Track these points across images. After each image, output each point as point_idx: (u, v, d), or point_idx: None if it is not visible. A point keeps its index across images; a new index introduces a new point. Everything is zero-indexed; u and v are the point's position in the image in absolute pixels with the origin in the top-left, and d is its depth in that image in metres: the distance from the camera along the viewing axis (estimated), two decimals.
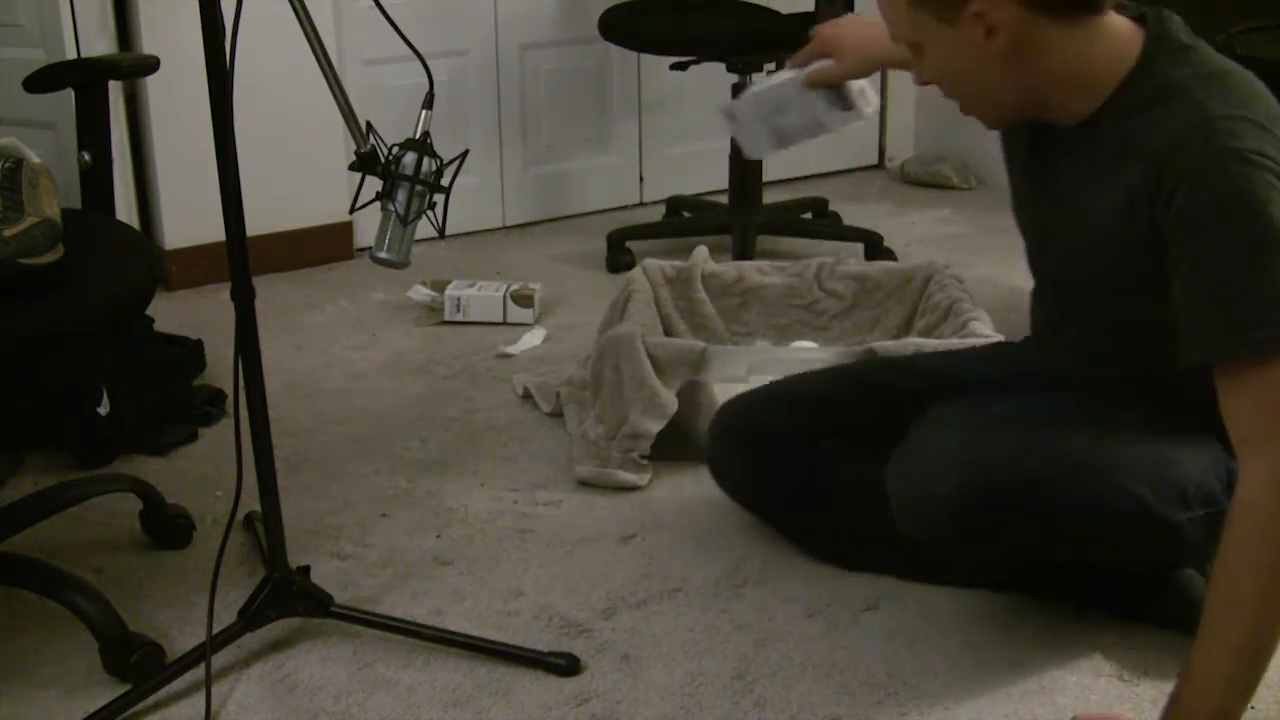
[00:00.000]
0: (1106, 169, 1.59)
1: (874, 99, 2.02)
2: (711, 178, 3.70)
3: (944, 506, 1.65)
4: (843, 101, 2.00)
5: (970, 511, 1.64)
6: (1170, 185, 1.48)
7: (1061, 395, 1.73)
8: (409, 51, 1.64)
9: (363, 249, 3.42)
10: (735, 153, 3.35)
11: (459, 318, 3.00)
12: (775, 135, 2.04)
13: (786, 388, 2.05)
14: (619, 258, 3.33)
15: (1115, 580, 1.83)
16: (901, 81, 4.17)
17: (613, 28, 3.26)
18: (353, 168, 1.63)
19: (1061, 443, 1.66)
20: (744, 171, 3.35)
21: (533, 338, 2.90)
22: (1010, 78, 1.58)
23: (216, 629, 1.73)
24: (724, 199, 3.45)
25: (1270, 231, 1.42)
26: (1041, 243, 1.79)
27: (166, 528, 2.08)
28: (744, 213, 3.33)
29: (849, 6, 3.11)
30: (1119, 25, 1.58)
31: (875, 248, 3.29)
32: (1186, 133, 1.48)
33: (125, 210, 3.09)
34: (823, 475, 1.96)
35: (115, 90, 2.80)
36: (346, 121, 1.63)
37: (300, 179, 3.27)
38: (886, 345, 2.26)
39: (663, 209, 3.71)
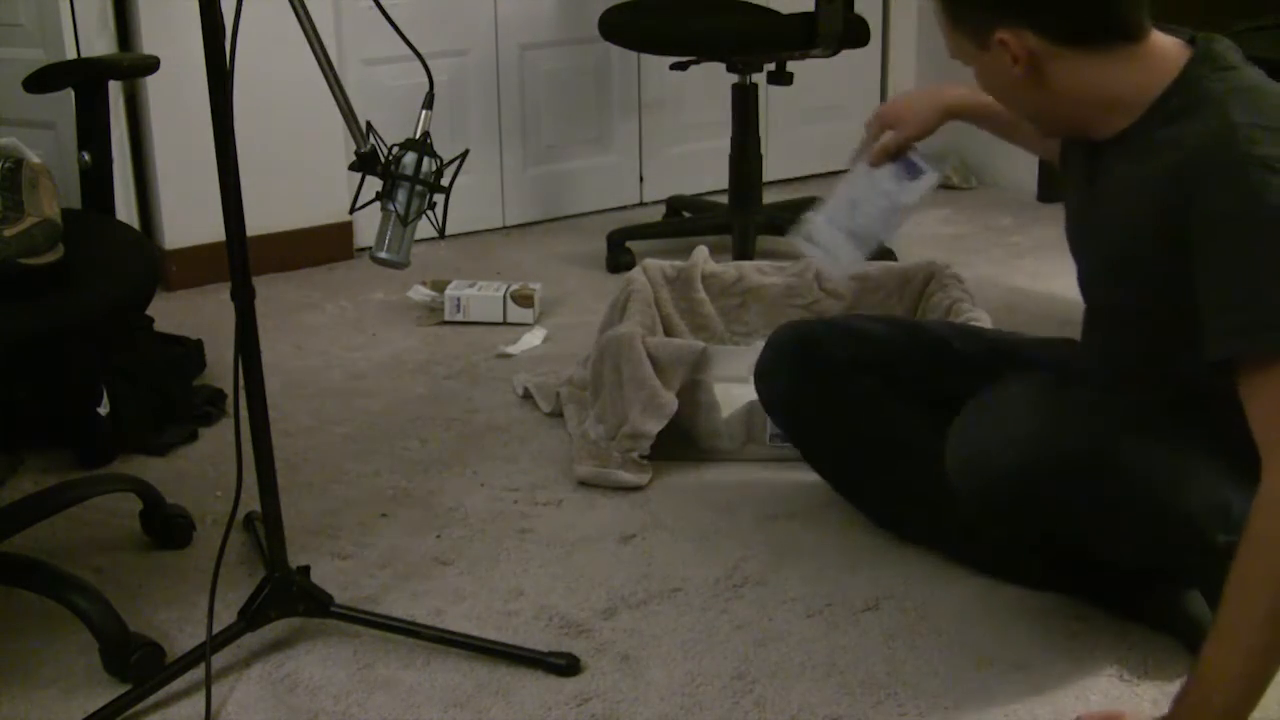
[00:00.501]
0: (1138, 180, 1.61)
1: (939, 165, 2.00)
2: (711, 178, 3.70)
3: (1007, 475, 1.65)
4: (911, 169, 1.97)
5: (1031, 484, 1.65)
6: (1190, 190, 1.51)
7: (1133, 397, 1.73)
8: (409, 51, 1.64)
9: (363, 249, 3.42)
10: (735, 153, 3.35)
11: (459, 318, 3.00)
12: (858, 240, 1.97)
13: (846, 320, 2.12)
14: (619, 258, 3.33)
15: (1117, 580, 1.83)
16: (901, 81, 4.17)
17: (613, 28, 3.26)
18: (353, 168, 1.63)
19: (1135, 439, 1.65)
20: (744, 171, 3.35)
21: (533, 338, 2.90)
22: (1040, 99, 1.64)
23: (216, 629, 1.73)
24: (724, 199, 3.45)
25: None
26: (1085, 258, 1.80)
27: (166, 528, 2.08)
28: (744, 213, 3.33)
29: (849, 7, 3.11)
30: (1164, 46, 1.61)
31: None
32: (1208, 140, 1.51)
33: (125, 210, 3.09)
34: (864, 409, 2.00)
35: (115, 90, 2.80)
36: (346, 121, 1.63)
37: (300, 179, 3.27)
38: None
39: (663, 209, 3.72)
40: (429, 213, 1.65)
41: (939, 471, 1.89)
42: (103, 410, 2.34)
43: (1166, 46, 1.61)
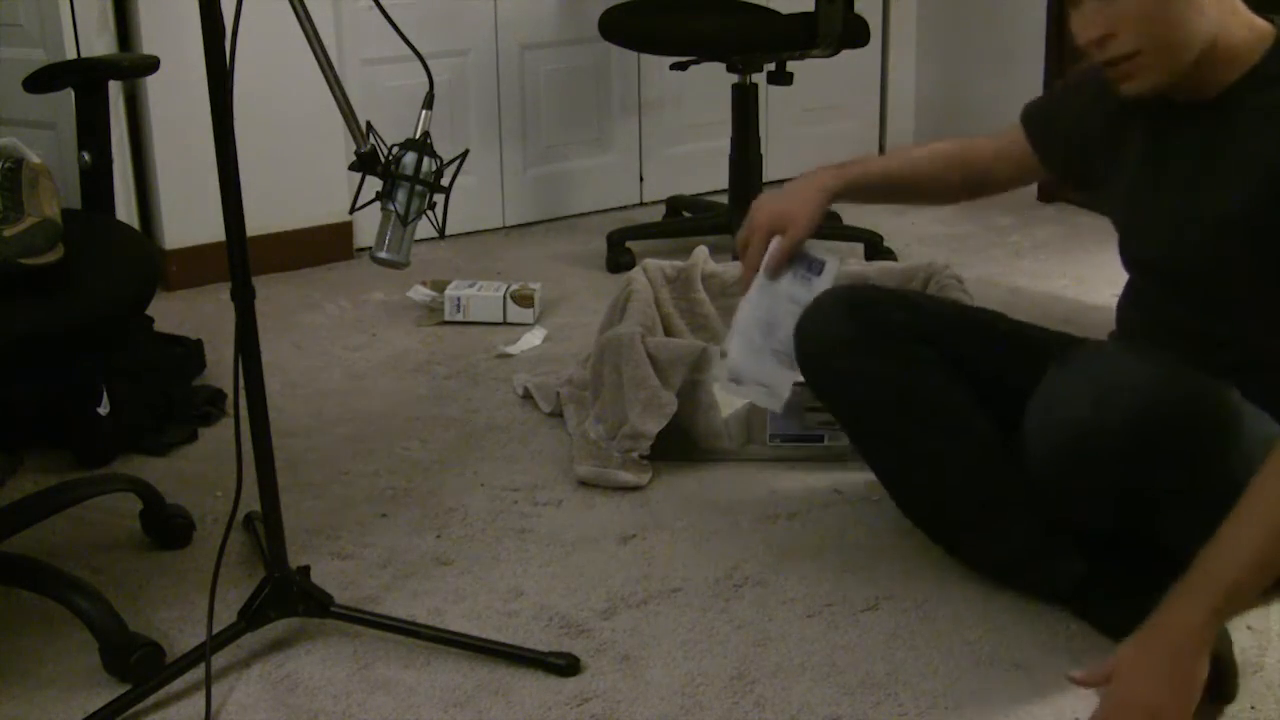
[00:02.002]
0: (1244, 143, 1.61)
1: (832, 248, 1.95)
2: (711, 178, 3.70)
3: (1117, 431, 1.58)
4: (811, 266, 1.93)
5: (1136, 442, 1.58)
6: None
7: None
8: (409, 51, 1.64)
9: (363, 249, 3.42)
10: (735, 153, 3.35)
11: (459, 318, 3.00)
12: (784, 359, 1.91)
13: (903, 292, 2.02)
14: (619, 258, 3.33)
15: (1117, 600, 1.80)
16: (901, 82, 4.17)
17: (613, 28, 3.26)
18: (353, 168, 1.63)
19: (1227, 397, 1.62)
20: (744, 171, 3.35)
21: (533, 338, 2.90)
22: (1197, 24, 1.59)
23: (216, 629, 1.73)
24: (724, 199, 3.45)
25: None
26: (1158, 232, 1.76)
27: (166, 528, 2.08)
28: (744, 213, 3.32)
29: (849, 7, 3.11)
30: (1249, 13, 1.63)
31: (875, 248, 3.29)
32: None
33: (125, 210, 3.09)
34: (915, 372, 1.89)
35: (115, 90, 2.80)
36: (346, 121, 1.63)
37: (300, 179, 3.27)
38: None
39: (663, 209, 3.72)
40: (429, 213, 1.65)
41: (990, 452, 1.86)
42: (103, 410, 2.34)
43: (1247, 12, 1.63)
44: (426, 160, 1.63)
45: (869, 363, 1.90)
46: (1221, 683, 1.66)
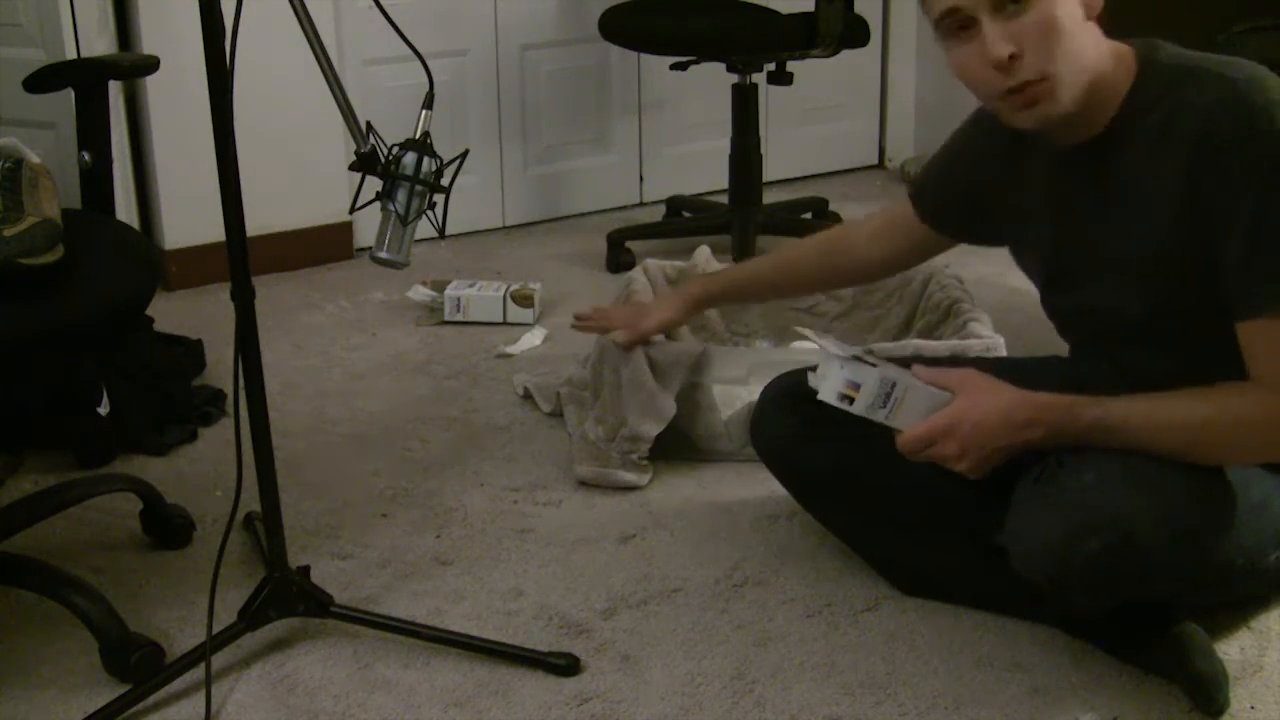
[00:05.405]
0: (1142, 170, 1.58)
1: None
2: (711, 178, 3.70)
3: (1092, 563, 1.57)
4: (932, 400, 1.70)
5: (1116, 569, 1.58)
6: (1211, 155, 1.50)
7: None
8: (409, 51, 1.64)
9: (363, 249, 3.43)
10: (735, 153, 3.35)
11: (459, 318, 3.00)
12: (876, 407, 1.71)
13: None
14: (619, 258, 3.34)
15: (1114, 624, 1.78)
16: (901, 81, 4.17)
17: (613, 28, 3.26)
18: (353, 168, 1.63)
19: (1202, 497, 1.59)
20: (744, 171, 3.35)
21: (533, 338, 2.90)
22: (1093, 56, 1.58)
23: (216, 629, 1.73)
24: (724, 199, 3.45)
25: None
26: (1077, 275, 1.73)
27: (166, 528, 2.08)
28: (744, 213, 3.34)
29: (849, 7, 3.11)
30: (1108, 42, 1.61)
31: None
32: (1216, 105, 1.51)
33: (125, 210, 3.09)
34: (870, 451, 1.86)
35: (115, 90, 2.80)
36: (346, 121, 1.63)
37: (300, 179, 3.27)
38: (885, 346, 2.27)
39: (663, 209, 3.72)
40: (429, 213, 1.65)
41: (950, 515, 1.86)
42: (103, 410, 2.34)
43: (1108, 41, 1.61)
44: (426, 160, 1.63)
45: (817, 451, 1.94)
46: (1210, 697, 1.66)
